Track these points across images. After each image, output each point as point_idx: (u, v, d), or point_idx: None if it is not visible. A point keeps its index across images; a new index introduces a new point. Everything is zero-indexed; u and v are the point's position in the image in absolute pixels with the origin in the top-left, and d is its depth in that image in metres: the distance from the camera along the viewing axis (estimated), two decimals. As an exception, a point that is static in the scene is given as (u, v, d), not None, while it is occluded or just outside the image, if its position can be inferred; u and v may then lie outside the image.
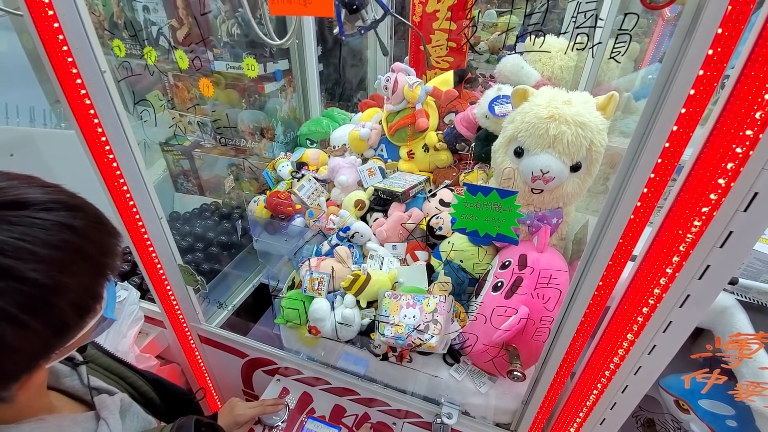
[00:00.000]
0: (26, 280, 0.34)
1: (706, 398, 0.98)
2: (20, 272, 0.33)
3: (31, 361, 0.39)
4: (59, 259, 0.36)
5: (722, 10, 0.44)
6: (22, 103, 1.90)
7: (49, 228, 0.36)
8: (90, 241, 0.40)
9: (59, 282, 0.36)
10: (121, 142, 0.92)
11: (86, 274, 0.40)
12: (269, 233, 1.50)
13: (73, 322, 0.41)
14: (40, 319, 0.36)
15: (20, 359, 0.37)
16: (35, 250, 0.34)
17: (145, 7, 1.58)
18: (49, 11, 0.80)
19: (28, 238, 0.34)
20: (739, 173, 0.51)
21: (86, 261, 0.39)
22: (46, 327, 0.37)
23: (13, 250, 0.33)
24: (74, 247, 0.37)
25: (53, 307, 0.37)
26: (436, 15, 1.50)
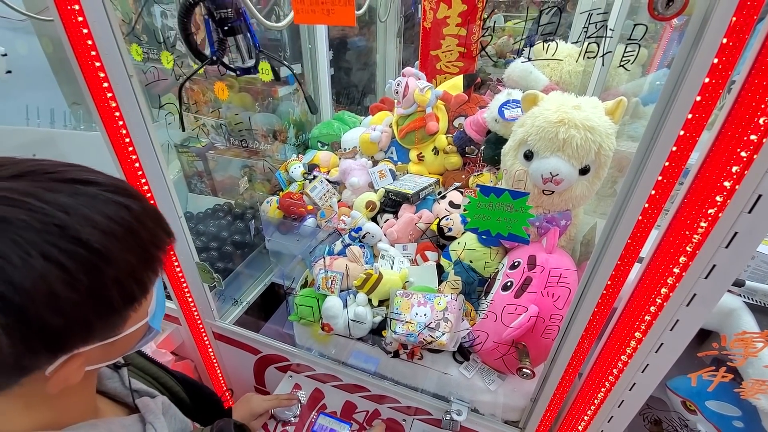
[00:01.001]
0: (80, 241, 0.35)
1: (713, 399, 1.00)
2: (77, 232, 0.35)
3: (72, 330, 0.37)
4: (114, 232, 0.38)
5: (727, 21, 0.46)
6: (42, 105, 1.95)
7: (111, 204, 0.39)
8: (144, 227, 0.41)
9: (110, 252, 0.37)
10: (145, 143, 0.96)
11: (135, 257, 0.40)
12: (281, 233, 1.53)
13: (116, 303, 0.40)
14: (88, 281, 0.36)
15: (63, 321, 0.35)
16: (94, 217, 0.37)
17: (163, 12, 1.63)
18: (79, 17, 0.83)
19: (89, 206, 0.37)
20: (744, 176, 0.53)
21: (138, 244, 0.40)
22: (90, 296, 0.36)
23: (74, 212, 0.36)
24: (129, 226, 0.39)
25: (101, 274, 0.37)
26: (446, 21, 1.53)
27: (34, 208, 0.34)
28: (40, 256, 0.33)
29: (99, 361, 0.47)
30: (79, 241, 0.35)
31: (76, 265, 0.35)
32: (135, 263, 0.40)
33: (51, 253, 0.34)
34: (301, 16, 0.61)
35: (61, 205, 0.36)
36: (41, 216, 0.34)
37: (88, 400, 0.53)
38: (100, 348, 0.43)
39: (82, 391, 0.51)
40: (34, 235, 0.33)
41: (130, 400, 0.59)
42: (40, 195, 0.35)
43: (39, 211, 0.34)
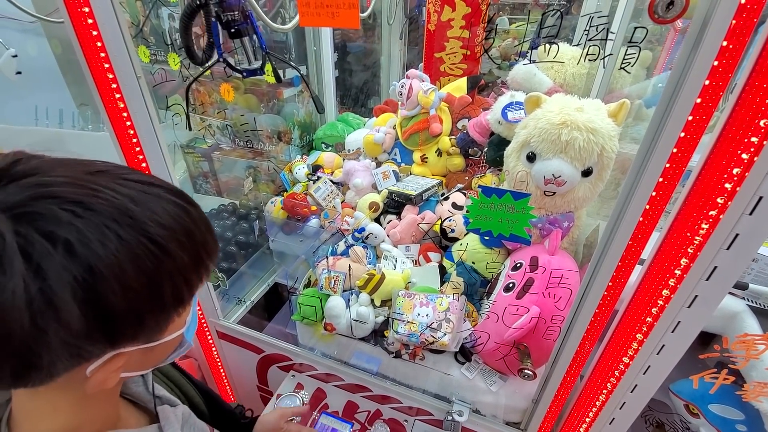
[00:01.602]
0: (147, 233, 0.38)
1: (716, 402, 0.99)
2: (144, 224, 0.38)
3: (126, 320, 0.38)
4: (174, 229, 0.40)
5: (727, 24, 0.47)
6: (51, 106, 1.98)
7: (172, 204, 0.41)
8: (199, 231, 0.43)
9: (169, 247, 0.39)
10: (152, 144, 0.98)
11: (188, 257, 0.41)
12: (285, 233, 1.54)
13: (167, 300, 0.41)
14: (149, 271, 0.38)
15: (124, 308, 0.37)
16: (159, 213, 0.39)
17: (170, 14, 1.65)
18: (89, 19, 0.85)
19: (155, 203, 0.40)
20: (745, 178, 0.53)
21: (191, 246, 0.42)
22: (148, 286, 0.38)
23: (143, 207, 0.38)
24: (187, 227, 0.41)
25: (160, 266, 0.38)
26: (450, 23, 1.54)
27: (111, 199, 0.37)
28: (116, 241, 0.36)
29: (135, 368, 0.47)
30: (146, 233, 0.38)
31: (143, 254, 0.37)
32: (188, 263, 0.41)
33: (124, 240, 0.36)
34: (306, 19, 0.62)
35: (133, 198, 0.38)
36: (118, 206, 0.37)
37: (112, 408, 0.53)
38: (140, 352, 0.44)
39: (107, 399, 0.51)
40: (111, 222, 0.36)
41: (151, 406, 0.59)
42: (117, 189, 0.38)
43: (116, 202, 0.37)
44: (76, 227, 0.34)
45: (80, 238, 0.34)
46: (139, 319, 0.39)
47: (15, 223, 0.33)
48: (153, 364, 0.50)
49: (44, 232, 0.33)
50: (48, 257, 0.33)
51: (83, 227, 0.34)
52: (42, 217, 0.34)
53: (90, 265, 0.34)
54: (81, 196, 0.36)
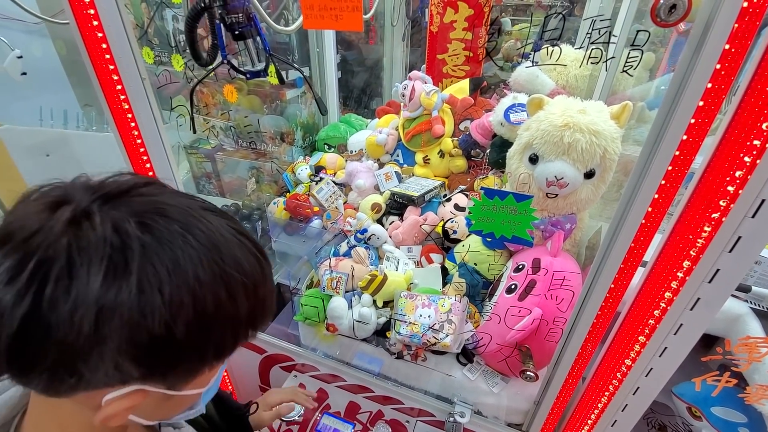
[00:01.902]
0: (225, 273, 0.39)
1: (718, 405, 0.99)
2: (226, 265, 0.39)
3: (165, 351, 0.37)
4: (246, 279, 0.41)
5: (729, 27, 0.47)
6: (55, 106, 1.99)
7: (253, 257, 0.42)
8: (265, 287, 0.44)
9: (237, 294, 0.40)
10: (156, 145, 0.98)
11: (247, 310, 0.42)
12: (288, 234, 1.55)
13: (209, 348, 0.40)
14: (210, 312, 0.38)
15: (174, 337, 0.36)
16: (241, 259, 0.41)
17: (174, 16, 1.66)
18: (95, 21, 0.86)
19: (240, 251, 0.41)
20: (747, 181, 0.53)
21: (254, 299, 0.42)
22: (199, 327, 0.38)
23: (230, 249, 0.40)
24: (257, 281, 0.42)
25: (221, 309, 0.39)
26: (453, 25, 1.54)
27: (209, 234, 0.39)
28: (201, 272, 0.37)
29: (144, 415, 0.45)
30: (225, 273, 0.39)
31: (213, 293, 0.38)
32: (243, 316, 0.41)
33: (206, 273, 0.37)
34: (310, 21, 0.63)
35: (227, 240, 0.40)
36: (214, 242, 0.39)
37: None
38: (158, 398, 0.43)
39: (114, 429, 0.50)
40: (203, 254, 0.37)
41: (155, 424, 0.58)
42: (217, 228, 0.40)
43: (212, 237, 0.39)
44: (182, 249, 0.36)
45: (178, 258, 0.36)
46: (176, 359, 0.39)
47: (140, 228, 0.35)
48: (161, 416, 0.49)
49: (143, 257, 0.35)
50: (153, 274, 0.34)
51: (183, 249, 0.36)
52: (158, 231, 0.35)
53: (179, 287, 0.35)
54: (187, 223, 0.38)
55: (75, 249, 0.33)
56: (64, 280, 0.32)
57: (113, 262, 0.33)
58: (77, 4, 0.82)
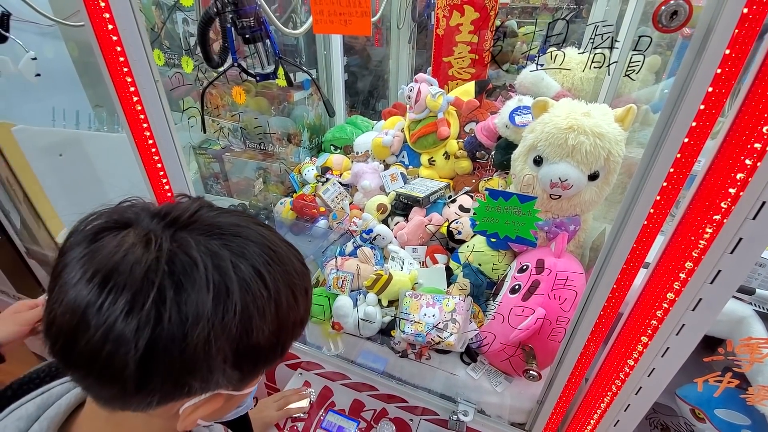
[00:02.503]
0: (292, 282, 0.43)
1: (722, 407, 0.99)
2: (291, 274, 0.43)
3: (248, 355, 0.40)
4: (302, 282, 0.45)
5: (729, 33, 0.48)
6: (68, 107, 2.03)
7: (300, 264, 0.46)
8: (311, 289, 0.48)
9: (299, 299, 0.44)
10: (168, 145, 1.01)
11: (303, 311, 0.46)
12: (294, 234, 1.57)
13: (278, 349, 0.44)
14: (282, 316, 0.42)
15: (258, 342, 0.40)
16: (297, 267, 0.45)
17: (184, 19, 1.69)
18: (110, 25, 0.88)
19: (295, 260, 0.45)
20: (748, 183, 0.54)
21: (306, 301, 0.46)
22: (275, 331, 0.41)
23: (289, 261, 0.44)
24: (306, 285, 0.46)
25: (289, 313, 0.43)
26: (459, 28, 1.55)
27: (273, 248, 0.43)
28: (272, 282, 0.41)
29: (208, 417, 0.47)
30: (292, 282, 0.43)
31: (285, 299, 0.42)
32: (300, 317, 0.45)
33: (277, 283, 0.41)
34: (320, 26, 0.65)
35: (285, 253, 0.44)
36: (280, 255, 0.43)
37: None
38: (224, 399, 0.45)
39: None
40: (273, 266, 0.41)
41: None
42: (276, 241, 0.44)
43: (280, 252, 0.43)
44: (262, 264, 0.39)
45: (263, 273, 0.39)
46: (254, 362, 0.43)
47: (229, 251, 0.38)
48: (220, 416, 0.51)
49: (243, 262, 0.38)
50: (248, 291, 0.38)
51: (263, 264, 0.40)
52: (240, 254, 0.39)
53: (273, 299, 0.39)
54: (266, 243, 0.41)
55: (181, 276, 0.36)
56: (177, 306, 0.35)
57: (215, 283, 0.36)
58: (93, 8, 0.84)
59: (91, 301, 0.34)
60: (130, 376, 0.36)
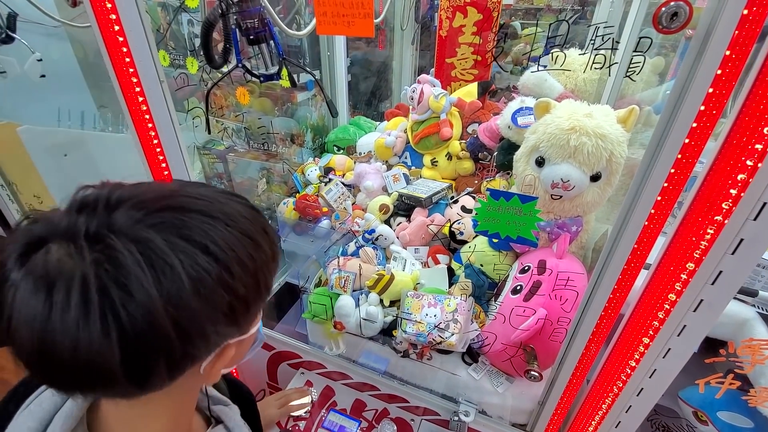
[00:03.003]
0: (245, 231, 0.43)
1: (724, 410, 0.99)
2: (242, 223, 0.44)
3: (239, 305, 0.42)
4: (256, 225, 0.46)
5: (730, 34, 0.48)
6: (73, 107, 2.05)
7: (244, 207, 0.47)
8: (270, 228, 0.48)
9: (259, 241, 0.45)
10: (173, 145, 1.01)
11: (269, 249, 0.47)
12: (297, 234, 1.58)
13: (263, 288, 0.46)
14: (252, 261, 0.43)
15: (243, 290, 0.42)
16: (245, 214, 0.45)
17: (189, 20, 1.70)
18: (116, 26, 0.89)
19: (239, 207, 0.46)
20: (749, 184, 0.54)
21: (269, 239, 0.47)
22: (253, 275, 0.43)
23: (234, 210, 0.44)
24: (263, 225, 0.47)
25: (257, 256, 0.44)
26: (462, 30, 1.56)
27: (219, 207, 0.43)
28: (231, 238, 0.42)
29: (228, 364, 0.49)
30: (245, 231, 0.43)
31: (247, 247, 0.43)
32: (269, 255, 0.47)
33: (235, 236, 0.42)
34: (323, 27, 0.65)
35: (228, 205, 0.45)
36: (224, 212, 0.43)
37: (192, 416, 0.57)
38: (236, 345, 0.48)
39: (191, 406, 0.55)
40: (225, 225, 0.42)
41: (204, 405, 0.63)
42: (218, 199, 0.44)
43: (223, 208, 0.43)
44: (203, 231, 0.40)
45: (210, 239, 0.40)
46: (247, 308, 0.45)
47: (158, 233, 0.37)
48: (238, 360, 0.53)
49: (181, 235, 0.38)
50: (195, 257, 0.38)
51: (208, 229, 0.40)
52: (178, 227, 0.39)
53: (218, 258, 0.40)
54: (203, 207, 0.41)
55: (116, 272, 0.35)
56: (127, 302, 0.35)
57: (154, 267, 0.36)
58: (100, 9, 0.85)
59: (46, 317, 0.34)
60: (125, 377, 0.36)
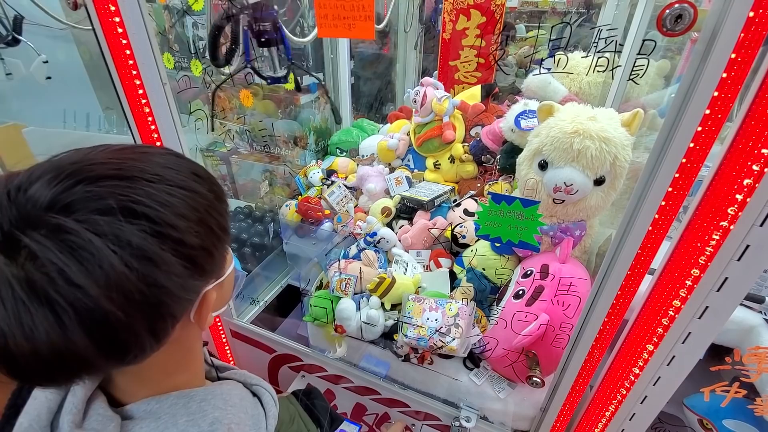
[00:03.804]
0: (178, 183, 0.42)
1: (730, 418, 0.97)
2: (173, 178, 0.42)
3: (201, 254, 0.42)
4: (192, 176, 0.44)
5: (735, 37, 0.47)
6: (78, 109, 2.06)
7: (174, 157, 0.46)
8: (207, 173, 0.48)
9: (198, 188, 0.44)
10: (175, 147, 1.02)
11: (212, 194, 0.46)
12: (299, 236, 1.58)
13: (218, 231, 0.45)
14: (198, 209, 0.42)
15: (197, 242, 0.41)
16: (175, 167, 0.44)
17: (194, 23, 1.71)
18: (119, 29, 0.90)
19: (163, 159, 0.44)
20: (755, 189, 0.53)
21: (209, 185, 0.46)
22: (202, 222, 0.42)
23: (157, 166, 0.42)
24: (197, 172, 0.46)
25: (199, 203, 0.43)
26: (465, 32, 1.56)
27: (142, 167, 0.41)
28: (164, 194, 0.40)
29: (217, 307, 0.51)
30: (178, 183, 0.42)
31: (186, 197, 0.42)
32: (213, 199, 0.46)
33: (169, 192, 0.41)
34: (324, 30, 0.65)
35: (149, 162, 0.43)
36: (147, 170, 0.41)
37: (204, 367, 0.58)
38: (218, 289, 0.48)
39: (200, 354, 0.56)
40: (151, 183, 0.40)
41: (213, 375, 0.63)
42: (141, 159, 0.42)
43: (145, 167, 0.41)
44: (124, 195, 0.37)
45: (133, 201, 0.38)
46: (210, 255, 0.44)
47: (70, 215, 0.35)
48: (226, 300, 0.54)
49: (100, 210, 0.36)
50: (118, 227, 0.36)
51: (129, 193, 0.38)
52: (92, 200, 0.36)
53: (153, 219, 0.38)
54: (106, 171, 0.39)
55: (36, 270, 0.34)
56: (65, 294, 0.34)
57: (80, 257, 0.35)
58: (103, 12, 0.86)
59: None
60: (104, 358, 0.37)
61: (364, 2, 0.63)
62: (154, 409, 0.47)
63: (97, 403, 0.47)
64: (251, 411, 0.56)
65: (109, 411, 0.46)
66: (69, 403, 0.45)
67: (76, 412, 0.45)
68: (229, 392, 0.54)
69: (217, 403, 0.51)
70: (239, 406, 0.54)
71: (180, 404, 0.49)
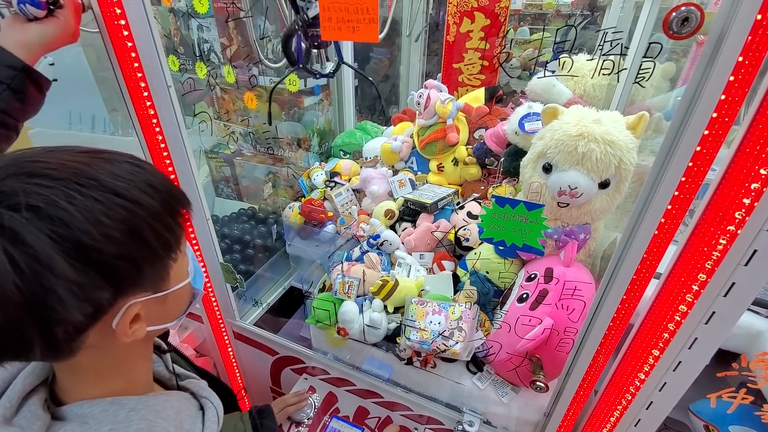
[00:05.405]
0: (108, 188, 0.41)
1: (737, 424, 0.96)
2: (104, 181, 0.41)
3: (122, 264, 0.41)
4: (134, 181, 0.44)
5: (743, 40, 0.47)
6: (84, 111, 2.08)
7: (126, 164, 0.45)
8: (159, 181, 0.46)
9: (135, 196, 0.43)
10: (179, 149, 1.02)
11: (158, 204, 0.45)
12: (302, 238, 1.58)
13: (153, 245, 0.44)
14: (125, 219, 0.41)
15: (114, 252, 0.40)
16: (116, 171, 0.43)
17: (199, 26, 1.72)
18: (125, 32, 0.90)
19: (109, 165, 0.43)
20: (763, 193, 0.53)
21: (157, 193, 0.45)
22: (130, 233, 0.41)
23: (98, 168, 0.42)
24: (146, 179, 0.45)
25: (133, 213, 0.42)
26: (469, 35, 1.56)
27: (69, 167, 0.41)
28: (81, 198, 0.39)
29: (158, 321, 0.51)
30: (108, 188, 0.41)
31: (112, 205, 0.41)
32: (159, 210, 0.45)
33: (89, 196, 0.40)
34: (328, 33, 0.65)
35: (88, 164, 0.42)
36: (75, 171, 0.41)
37: (148, 375, 0.58)
38: (155, 303, 0.47)
39: (143, 363, 0.56)
40: (73, 184, 0.40)
41: (173, 383, 0.63)
42: (72, 159, 0.42)
43: (73, 168, 0.41)
44: (41, 194, 0.37)
45: (47, 201, 0.37)
46: (135, 267, 0.43)
47: None
48: (174, 316, 0.54)
49: (9, 205, 0.36)
50: (19, 224, 0.36)
51: (47, 193, 0.38)
52: (9, 195, 0.37)
53: (63, 222, 0.37)
54: (41, 169, 0.39)
55: None
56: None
57: None
58: (108, 15, 0.87)
59: None
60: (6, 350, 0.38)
61: (368, 5, 0.63)
62: (84, 413, 0.47)
63: (32, 401, 0.47)
64: (187, 425, 0.55)
65: (40, 410, 0.46)
66: (5, 397, 0.46)
67: (9, 406, 0.45)
68: (165, 403, 0.53)
69: (146, 414, 0.50)
70: (171, 419, 0.52)
71: (110, 411, 0.48)
